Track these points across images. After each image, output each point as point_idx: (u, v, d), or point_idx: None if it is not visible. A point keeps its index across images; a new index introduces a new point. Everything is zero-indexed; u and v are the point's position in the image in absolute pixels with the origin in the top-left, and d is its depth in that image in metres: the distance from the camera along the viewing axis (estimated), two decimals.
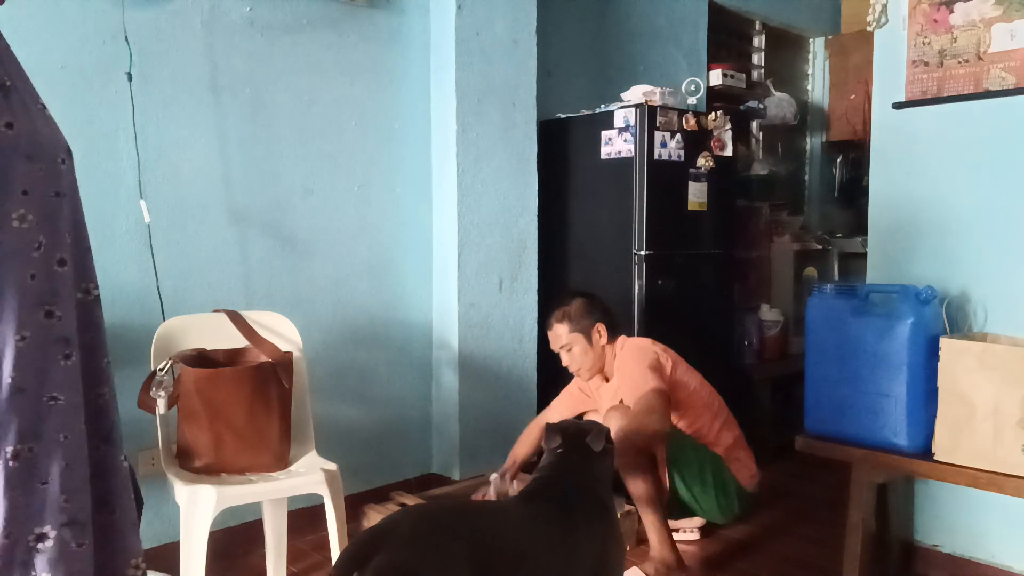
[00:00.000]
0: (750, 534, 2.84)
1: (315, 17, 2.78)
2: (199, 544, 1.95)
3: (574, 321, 2.70)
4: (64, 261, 0.89)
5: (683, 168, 3.29)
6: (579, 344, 2.71)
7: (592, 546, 1.78)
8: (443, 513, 1.70)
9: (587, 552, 1.76)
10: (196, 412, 2.10)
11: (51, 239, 0.88)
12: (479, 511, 1.87)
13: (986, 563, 2.38)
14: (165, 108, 2.47)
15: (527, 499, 1.84)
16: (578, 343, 2.71)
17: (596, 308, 2.74)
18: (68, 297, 0.89)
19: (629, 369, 2.59)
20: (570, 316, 2.71)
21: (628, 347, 2.70)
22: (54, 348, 0.86)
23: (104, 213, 2.35)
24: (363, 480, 2.94)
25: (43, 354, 0.85)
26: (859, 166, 4.82)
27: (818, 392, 2.35)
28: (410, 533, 1.51)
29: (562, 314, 2.73)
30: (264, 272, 2.71)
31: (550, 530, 1.72)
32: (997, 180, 2.31)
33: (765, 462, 3.66)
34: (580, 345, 2.71)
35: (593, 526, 1.80)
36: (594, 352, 2.72)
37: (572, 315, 2.71)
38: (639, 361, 2.59)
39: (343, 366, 2.91)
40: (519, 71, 3.19)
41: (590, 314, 2.72)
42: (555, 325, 2.74)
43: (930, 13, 2.41)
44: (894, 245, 2.54)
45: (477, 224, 3.08)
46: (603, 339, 2.72)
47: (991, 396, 2.02)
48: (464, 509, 1.89)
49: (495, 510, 1.96)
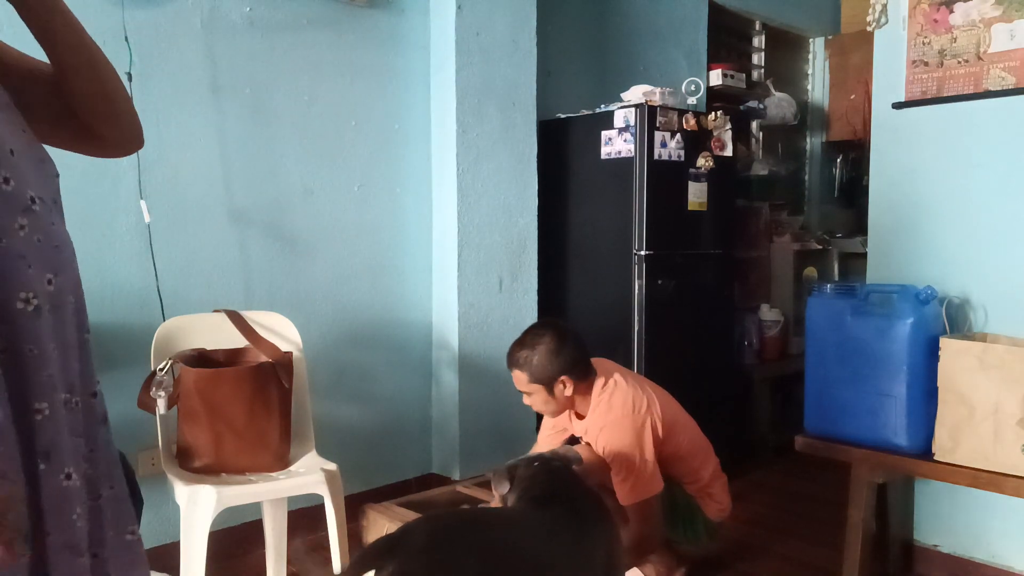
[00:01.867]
0: (750, 534, 2.84)
1: (315, 17, 2.78)
2: (199, 544, 1.95)
3: (535, 372, 2.33)
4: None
5: (683, 168, 3.28)
6: (540, 395, 2.38)
7: (602, 547, 1.78)
8: (458, 523, 1.67)
9: (599, 553, 1.77)
10: (196, 412, 2.10)
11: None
12: (494, 520, 1.81)
13: (986, 563, 2.38)
14: (165, 108, 2.47)
15: (538, 504, 1.82)
16: (539, 393, 2.37)
17: (564, 355, 2.33)
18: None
19: (617, 444, 2.28)
20: (531, 365, 2.33)
21: (616, 406, 2.33)
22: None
23: (104, 213, 2.35)
24: (363, 480, 2.94)
25: None
26: (859, 166, 4.82)
27: (818, 392, 2.35)
28: (424, 543, 1.50)
29: (523, 360, 2.35)
30: (264, 272, 2.71)
31: (566, 535, 1.72)
32: (997, 180, 2.31)
33: (765, 462, 3.69)
34: (541, 396, 2.38)
35: (600, 527, 1.81)
36: (556, 402, 2.39)
37: (533, 364, 2.33)
38: (627, 434, 2.29)
39: (343, 366, 2.91)
40: (519, 71, 3.19)
41: (555, 365, 2.32)
42: (514, 370, 2.39)
43: (930, 13, 2.41)
44: (894, 245, 2.54)
45: (477, 224, 3.08)
46: (567, 390, 2.35)
47: (991, 396, 2.02)
48: (479, 519, 1.82)
49: (510, 518, 1.87)
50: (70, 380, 0.94)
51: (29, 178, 0.91)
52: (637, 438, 2.27)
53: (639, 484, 2.24)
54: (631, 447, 2.25)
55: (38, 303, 0.89)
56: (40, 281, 0.90)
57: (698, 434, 2.49)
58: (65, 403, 0.92)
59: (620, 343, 3.21)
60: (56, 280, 0.92)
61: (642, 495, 2.25)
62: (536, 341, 2.35)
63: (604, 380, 2.38)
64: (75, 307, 0.97)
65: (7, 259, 0.86)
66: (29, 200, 0.90)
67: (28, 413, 0.88)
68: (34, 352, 0.89)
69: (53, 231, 0.93)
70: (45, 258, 0.91)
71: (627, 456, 2.25)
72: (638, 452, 2.25)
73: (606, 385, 2.36)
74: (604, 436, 2.30)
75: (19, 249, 0.88)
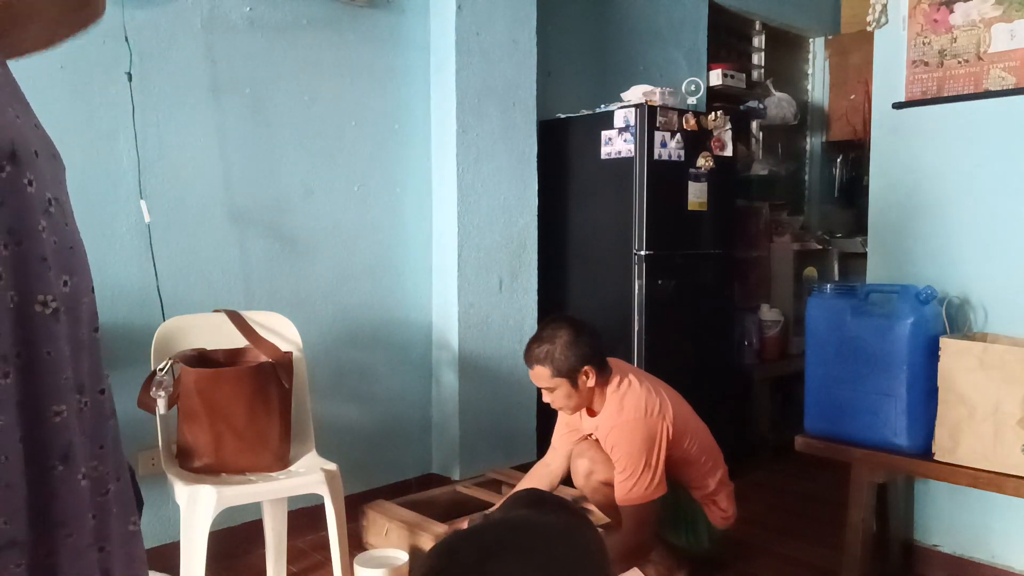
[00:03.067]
0: (750, 534, 2.84)
1: (315, 17, 2.78)
2: (199, 544, 1.95)
3: (557, 365, 2.31)
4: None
5: (683, 168, 3.28)
6: (563, 388, 2.34)
7: (598, 545, 1.80)
8: (500, 534, 1.69)
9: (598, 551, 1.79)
10: (196, 412, 2.10)
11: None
12: (526, 527, 1.82)
13: (986, 563, 2.38)
14: (165, 108, 2.47)
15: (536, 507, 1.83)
16: (562, 387, 2.34)
17: (583, 345, 2.32)
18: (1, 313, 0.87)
19: (627, 445, 2.28)
20: (553, 359, 2.30)
21: (628, 408, 2.31)
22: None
23: (104, 213, 2.36)
24: (363, 480, 2.94)
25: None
26: (859, 166, 4.82)
27: (818, 392, 2.35)
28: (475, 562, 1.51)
29: (544, 354, 2.32)
30: (264, 272, 2.71)
31: (579, 537, 1.74)
32: (997, 180, 2.31)
33: (765, 462, 3.69)
34: (564, 389, 2.34)
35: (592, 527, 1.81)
36: (580, 395, 2.36)
37: (555, 358, 2.30)
38: (637, 436, 2.28)
39: (343, 366, 2.91)
40: (519, 71, 3.19)
41: (576, 356, 2.30)
42: (536, 366, 2.34)
43: (930, 13, 2.41)
44: (894, 245, 2.54)
45: (477, 224, 3.08)
46: (590, 381, 2.33)
47: (991, 396, 2.02)
48: (516, 526, 1.82)
49: (537, 524, 1.87)
50: (80, 379, 0.94)
51: (47, 178, 0.91)
52: (646, 442, 2.25)
53: (639, 487, 2.23)
54: (639, 450, 2.24)
55: (56, 305, 0.89)
56: (57, 283, 0.90)
57: (708, 440, 2.46)
58: (76, 403, 0.92)
59: (620, 343, 3.20)
60: (72, 281, 0.92)
61: (641, 499, 2.23)
62: (554, 335, 2.33)
63: (619, 379, 2.36)
64: (89, 308, 0.97)
65: (30, 262, 0.86)
66: (47, 201, 0.90)
67: (45, 416, 0.88)
68: (51, 355, 0.88)
69: (67, 232, 0.93)
70: (62, 260, 0.91)
71: (633, 458, 2.24)
72: (645, 456, 2.24)
73: (620, 384, 2.35)
74: (614, 436, 2.29)
75: (41, 251, 0.88)
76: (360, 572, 2.30)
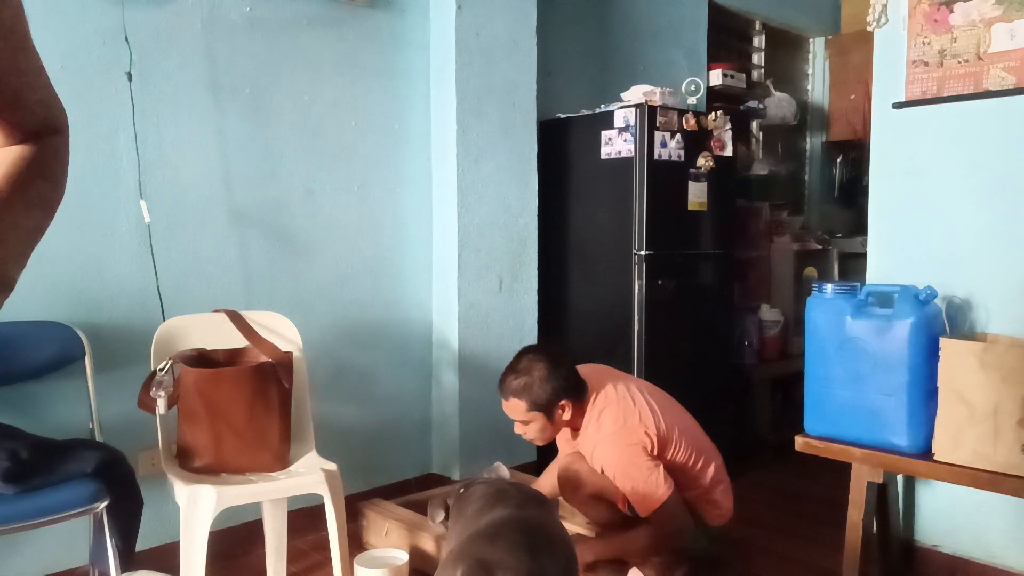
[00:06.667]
0: (750, 534, 2.84)
1: (315, 17, 2.78)
2: (199, 544, 1.95)
3: (534, 398, 2.25)
4: None
5: (683, 168, 3.29)
6: (538, 422, 2.30)
7: None
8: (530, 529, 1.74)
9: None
10: (196, 412, 2.10)
11: None
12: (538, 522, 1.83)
13: (986, 563, 2.38)
14: (165, 108, 2.47)
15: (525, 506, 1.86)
16: (537, 420, 2.30)
17: (560, 378, 2.26)
18: None
19: (615, 460, 2.27)
20: (531, 392, 2.24)
21: (607, 423, 2.29)
22: None
23: (104, 213, 2.35)
24: (363, 480, 2.94)
25: None
26: (859, 166, 4.82)
27: (818, 392, 2.35)
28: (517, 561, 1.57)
29: (521, 387, 2.25)
30: (264, 272, 2.71)
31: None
32: (997, 180, 2.31)
33: (765, 462, 3.69)
34: (539, 423, 2.30)
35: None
36: (554, 428, 2.33)
37: (533, 391, 2.24)
38: (622, 446, 2.27)
39: (343, 366, 2.92)
40: (519, 71, 3.19)
41: (554, 389, 2.25)
42: (511, 399, 2.28)
43: (930, 13, 2.41)
44: (894, 245, 2.54)
45: (477, 224, 3.08)
46: (566, 414, 2.30)
47: (991, 396, 2.02)
48: (532, 524, 1.81)
49: (542, 521, 1.85)
50: None
51: None
52: (632, 448, 2.25)
53: (651, 494, 2.22)
54: (630, 461, 2.24)
55: None
56: None
57: (700, 439, 2.44)
58: None
59: (620, 343, 3.21)
60: None
61: (659, 501, 2.22)
62: (531, 367, 2.27)
63: (595, 394, 2.34)
64: None
65: None
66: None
67: None
68: None
69: None
70: None
71: (624, 472, 2.25)
72: (638, 462, 2.24)
73: (595, 402, 2.33)
74: (598, 454, 2.30)
75: None
76: (360, 572, 2.30)
